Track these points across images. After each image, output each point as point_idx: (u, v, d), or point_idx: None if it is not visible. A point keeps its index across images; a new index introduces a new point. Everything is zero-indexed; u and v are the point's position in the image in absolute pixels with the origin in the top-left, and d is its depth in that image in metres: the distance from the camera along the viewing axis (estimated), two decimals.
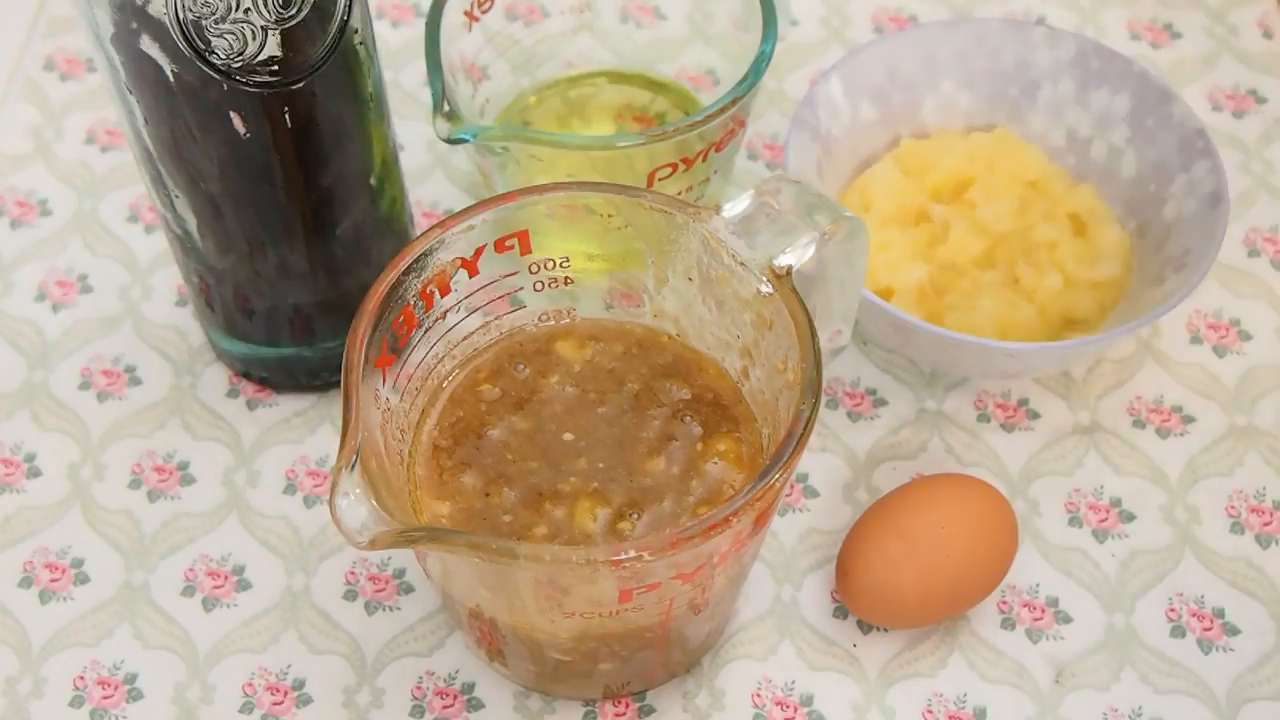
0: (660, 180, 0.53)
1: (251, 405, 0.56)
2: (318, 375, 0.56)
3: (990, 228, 0.55)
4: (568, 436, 0.46)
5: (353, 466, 0.38)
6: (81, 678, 0.50)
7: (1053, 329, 0.54)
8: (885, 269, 0.55)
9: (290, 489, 0.54)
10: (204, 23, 0.42)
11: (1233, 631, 0.51)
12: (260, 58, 0.43)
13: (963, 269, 0.55)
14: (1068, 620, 0.51)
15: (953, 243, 0.55)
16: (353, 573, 0.52)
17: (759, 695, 0.49)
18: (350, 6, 0.44)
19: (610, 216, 0.46)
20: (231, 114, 0.44)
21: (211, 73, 0.43)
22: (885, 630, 0.51)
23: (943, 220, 0.56)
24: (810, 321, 0.42)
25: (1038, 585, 0.52)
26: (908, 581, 0.48)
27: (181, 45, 0.42)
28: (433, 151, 0.63)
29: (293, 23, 0.43)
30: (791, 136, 0.55)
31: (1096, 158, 0.59)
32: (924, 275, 0.54)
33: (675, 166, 0.53)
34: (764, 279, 0.43)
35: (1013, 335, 0.54)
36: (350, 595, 0.51)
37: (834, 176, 0.58)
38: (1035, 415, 0.56)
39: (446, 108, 0.49)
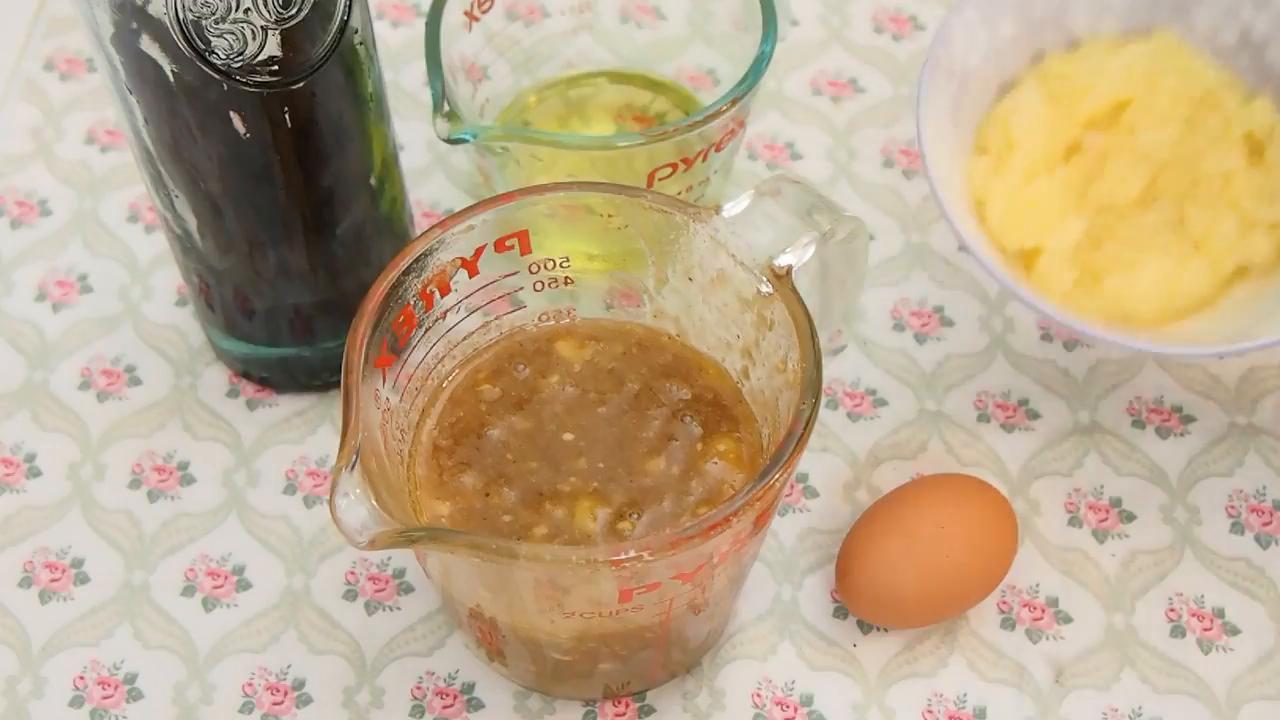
0: (660, 180, 0.53)
1: (251, 405, 0.56)
2: (318, 375, 0.56)
3: (1152, 156, 0.49)
4: (568, 436, 0.46)
5: (353, 466, 0.38)
6: (81, 678, 0.50)
7: (1222, 282, 0.49)
8: (1035, 225, 0.48)
9: (290, 489, 0.54)
10: (204, 23, 0.42)
11: (1233, 631, 0.51)
12: (260, 58, 0.43)
13: (1122, 211, 0.49)
14: (1068, 620, 0.51)
15: (1110, 178, 0.49)
16: (353, 573, 0.52)
17: (759, 695, 0.49)
18: (350, 6, 0.44)
19: (610, 216, 0.46)
20: (231, 114, 0.44)
21: (211, 73, 0.43)
22: (885, 630, 0.51)
23: (1098, 151, 0.50)
24: (810, 321, 0.42)
25: (1038, 585, 0.52)
26: (908, 581, 0.48)
27: (181, 45, 0.42)
28: (433, 151, 0.63)
29: (293, 23, 0.43)
30: (925, 81, 0.49)
31: (1275, 61, 0.51)
32: (1079, 231, 0.48)
33: (675, 166, 0.53)
34: (764, 279, 0.43)
35: (1180, 301, 0.48)
36: (350, 595, 0.51)
37: (971, 112, 0.51)
38: (1035, 415, 0.56)
39: (446, 108, 0.49)
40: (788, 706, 0.49)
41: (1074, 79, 0.50)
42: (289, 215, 0.49)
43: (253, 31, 0.42)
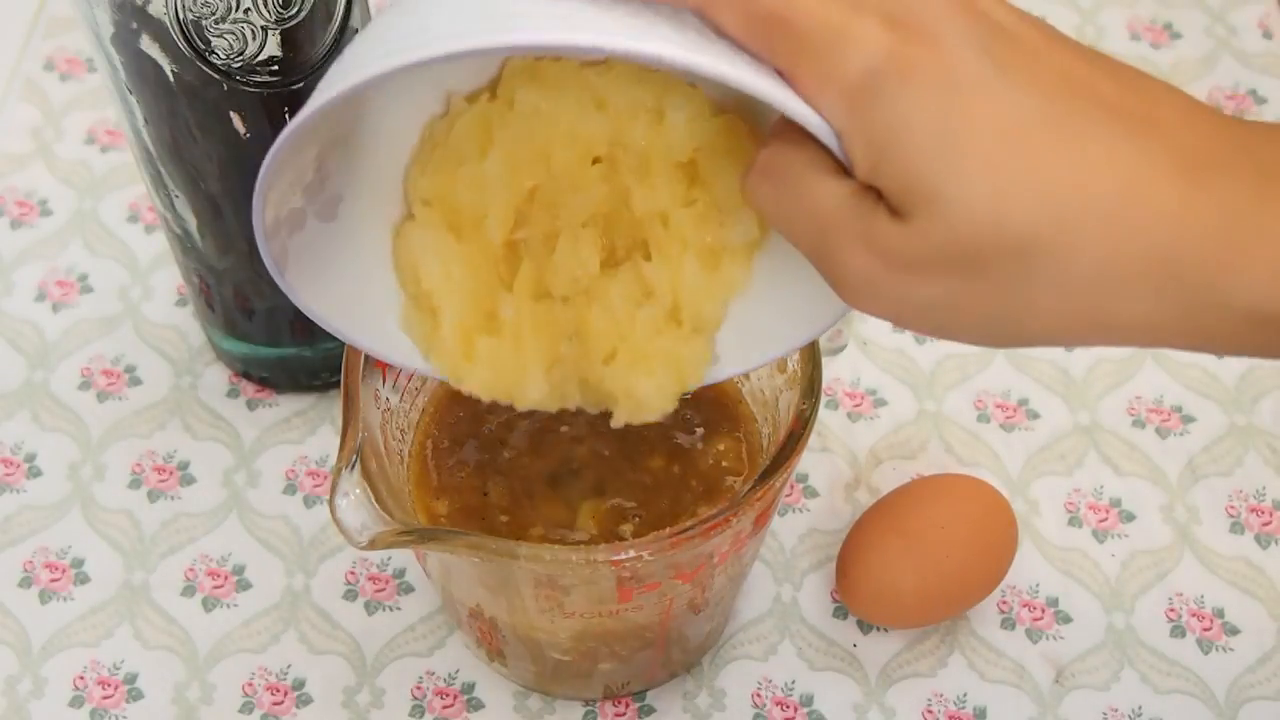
0: None
1: (251, 405, 0.56)
2: (318, 375, 0.56)
3: (592, 221, 0.39)
4: (567, 435, 0.46)
5: (353, 466, 0.38)
6: (81, 678, 0.50)
7: (718, 328, 0.40)
8: (505, 383, 0.39)
9: (290, 489, 0.54)
10: (204, 23, 0.42)
11: (1232, 631, 0.51)
12: (260, 58, 0.43)
13: (591, 291, 0.39)
14: (1068, 620, 0.51)
15: (561, 263, 0.39)
16: (353, 573, 0.52)
17: (759, 695, 0.49)
18: (350, 6, 0.44)
19: None
20: (231, 114, 0.44)
21: (211, 73, 0.43)
22: (885, 630, 0.51)
23: (536, 242, 0.39)
24: None
25: (1038, 585, 0.52)
26: (908, 581, 0.48)
27: (181, 45, 0.42)
28: None
29: (293, 23, 0.43)
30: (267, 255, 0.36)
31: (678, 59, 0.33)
32: (543, 389, 0.39)
33: None
34: None
35: (691, 368, 0.40)
36: (350, 595, 0.51)
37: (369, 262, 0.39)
38: (1035, 415, 0.56)
39: None
40: (788, 706, 0.49)
41: (464, 208, 0.38)
42: None
43: (253, 31, 0.42)
